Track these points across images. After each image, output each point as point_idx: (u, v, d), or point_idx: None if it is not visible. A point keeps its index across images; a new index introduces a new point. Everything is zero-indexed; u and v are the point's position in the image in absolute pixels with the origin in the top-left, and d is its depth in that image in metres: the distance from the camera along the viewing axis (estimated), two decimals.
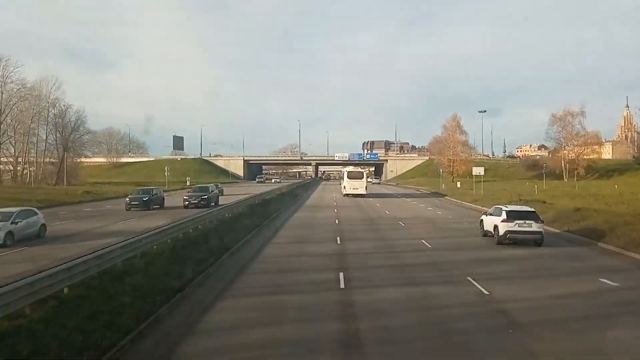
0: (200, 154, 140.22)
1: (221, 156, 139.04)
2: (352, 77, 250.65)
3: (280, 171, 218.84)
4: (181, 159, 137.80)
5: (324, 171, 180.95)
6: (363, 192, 50.10)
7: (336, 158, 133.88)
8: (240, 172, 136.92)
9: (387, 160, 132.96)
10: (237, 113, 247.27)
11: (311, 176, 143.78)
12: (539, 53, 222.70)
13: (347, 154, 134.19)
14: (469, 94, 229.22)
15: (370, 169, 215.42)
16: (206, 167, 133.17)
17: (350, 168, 56.70)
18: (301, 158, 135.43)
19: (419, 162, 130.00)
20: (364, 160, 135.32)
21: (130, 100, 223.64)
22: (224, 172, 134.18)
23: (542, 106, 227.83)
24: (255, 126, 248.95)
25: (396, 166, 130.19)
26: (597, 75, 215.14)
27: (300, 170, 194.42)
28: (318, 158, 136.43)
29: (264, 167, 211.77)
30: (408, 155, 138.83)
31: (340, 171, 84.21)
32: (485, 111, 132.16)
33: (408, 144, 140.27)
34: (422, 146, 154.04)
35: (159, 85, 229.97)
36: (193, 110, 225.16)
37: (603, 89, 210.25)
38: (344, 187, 50.50)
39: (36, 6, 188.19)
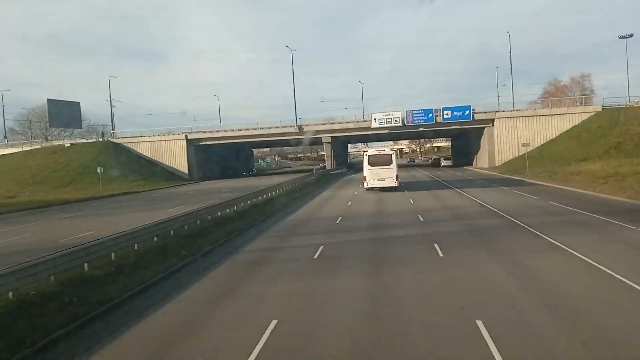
0: (111, 133, 71.83)
1: (144, 137, 69.81)
2: (391, 55, 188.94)
3: (299, 155, 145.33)
4: (71, 144, 69.97)
5: (364, 151, 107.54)
6: (392, 183, 32.94)
7: (375, 124, 60.75)
8: (182, 164, 67.43)
9: (492, 121, 58.05)
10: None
11: (324, 165, 70.42)
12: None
13: (398, 115, 60.54)
14: (518, 64, 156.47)
15: (433, 145, 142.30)
16: (114, 158, 64.16)
17: (373, 151, 36.10)
18: (299, 129, 63.48)
19: (583, 117, 54.47)
20: (437, 124, 60.76)
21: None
22: (150, 166, 65.31)
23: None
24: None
25: (528, 130, 55.83)
26: None
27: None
28: (334, 127, 63.68)
29: (262, 152, 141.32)
30: (550, 107, 61.67)
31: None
32: (632, 35, 58.84)
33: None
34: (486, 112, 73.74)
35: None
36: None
37: None
38: (365, 177, 33.85)
39: None
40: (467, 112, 58.34)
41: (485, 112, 58.84)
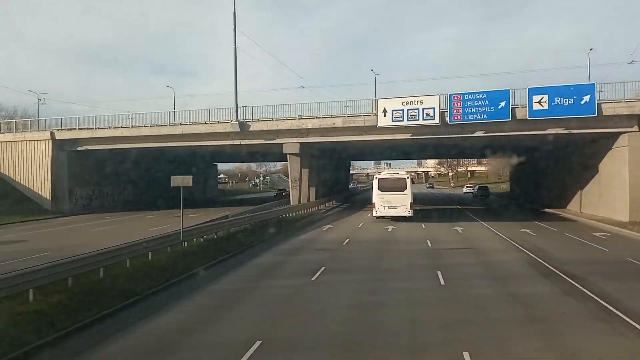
0: None
1: None
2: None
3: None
4: None
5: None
6: (405, 212, 28.50)
7: (385, 121, 29.77)
8: (43, 183, 38.39)
9: (637, 120, 25.76)
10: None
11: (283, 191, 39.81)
12: None
13: (433, 103, 29.24)
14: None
15: (468, 169, 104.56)
16: None
17: (385, 174, 32.13)
18: (240, 127, 33.39)
19: None
20: (517, 122, 28.75)
21: None
22: None
23: None
24: None
25: None
26: None
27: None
28: (306, 124, 32.78)
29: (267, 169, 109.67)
30: None
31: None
32: None
33: None
34: None
35: None
36: None
37: None
38: (374, 204, 29.63)
39: None
40: (588, 99, 26.29)
41: (627, 102, 26.66)
